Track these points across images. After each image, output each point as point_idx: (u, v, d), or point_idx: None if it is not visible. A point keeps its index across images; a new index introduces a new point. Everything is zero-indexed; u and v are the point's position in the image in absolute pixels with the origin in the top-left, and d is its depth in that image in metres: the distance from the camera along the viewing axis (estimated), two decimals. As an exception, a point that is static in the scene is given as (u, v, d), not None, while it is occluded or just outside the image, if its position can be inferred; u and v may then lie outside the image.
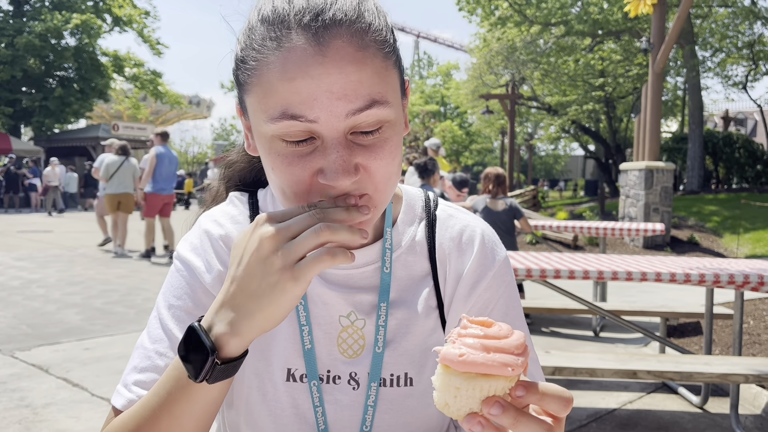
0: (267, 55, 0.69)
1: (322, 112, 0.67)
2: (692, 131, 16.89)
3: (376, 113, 0.69)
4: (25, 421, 3.27)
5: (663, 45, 10.52)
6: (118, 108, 33.56)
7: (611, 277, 3.08)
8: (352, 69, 0.67)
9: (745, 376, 3.01)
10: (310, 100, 0.67)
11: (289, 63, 0.67)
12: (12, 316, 5.55)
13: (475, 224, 0.93)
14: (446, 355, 0.54)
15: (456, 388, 0.54)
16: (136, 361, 0.82)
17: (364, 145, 0.71)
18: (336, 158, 0.68)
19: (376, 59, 0.70)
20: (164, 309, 0.84)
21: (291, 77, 0.67)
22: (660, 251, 10.61)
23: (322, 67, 0.67)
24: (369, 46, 0.69)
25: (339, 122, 0.68)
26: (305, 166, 0.70)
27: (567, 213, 15.17)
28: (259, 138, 0.74)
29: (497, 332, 0.56)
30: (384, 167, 0.72)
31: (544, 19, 19.10)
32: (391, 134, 0.72)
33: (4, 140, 23.01)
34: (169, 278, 0.87)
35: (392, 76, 0.73)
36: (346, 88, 0.67)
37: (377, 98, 0.69)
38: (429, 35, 60.76)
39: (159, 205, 9.03)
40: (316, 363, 0.85)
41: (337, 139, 0.69)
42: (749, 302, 5.78)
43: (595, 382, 4.12)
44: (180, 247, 0.89)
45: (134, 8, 29.07)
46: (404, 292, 0.88)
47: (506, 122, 25.04)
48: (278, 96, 0.68)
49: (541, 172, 51.02)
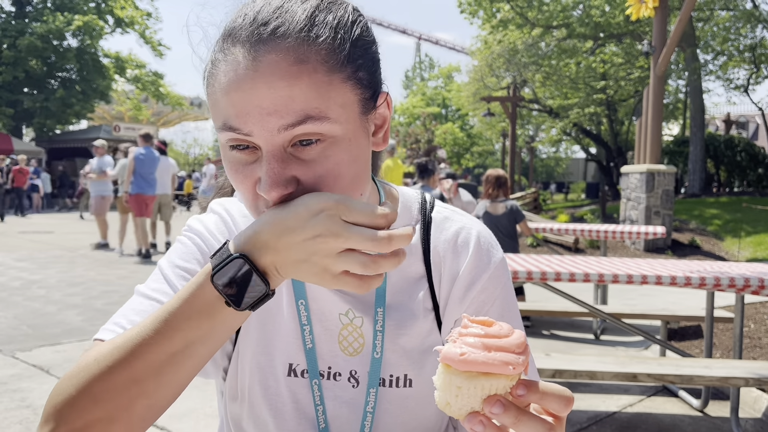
0: (217, 66, 0.71)
1: (254, 127, 0.68)
2: (693, 134, 16.90)
3: (313, 128, 0.68)
4: (26, 422, 3.27)
5: (664, 48, 10.53)
6: (120, 109, 33.59)
7: (612, 280, 3.09)
8: (282, 84, 0.67)
9: (745, 380, 3.01)
10: (243, 114, 0.68)
11: (228, 76, 0.69)
12: (13, 316, 5.56)
13: (471, 226, 0.93)
14: (447, 354, 0.55)
15: (457, 387, 0.54)
16: (133, 304, 0.81)
17: (304, 159, 0.70)
18: (268, 170, 0.68)
19: (316, 74, 0.68)
20: (168, 268, 0.84)
21: (227, 90, 0.69)
22: (661, 254, 10.61)
23: (252, 81, 0.67)
24: (308, 60, 0.68)
25: (272, 136, 0.68)
26: (248, 175, 0.71)
27: (568, 216, 15.17)
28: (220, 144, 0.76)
29: (498, 331, 0.56)
30: (330, 179, 0.70)
31: (546, 21, 19.13)
32: (333, 151, 0.70)
33: (6, 141, 23.06)
34: (176, 245, 0.88)
35: (338, 90, 0.70)
36: (276, 104, 0.67)
37: (313, 114, 0.67)
38: (430, 37, 60.87)
39: (141, 204, 9.22)
40: (317, 359, 0.86)
41: (271, 152, 0.69)
42: (750, 306, 5.78)
43: (596, 384, 4.12)
44: (192, 221, 0.91)
45: (136, 10, 29.14)
46: (400, 294, 0.88)
47: (507, 125, 25.04)
48: (220, 107, 0.70)
49: (542, 175, 51.01)
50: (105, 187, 10.30)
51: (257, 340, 0.86)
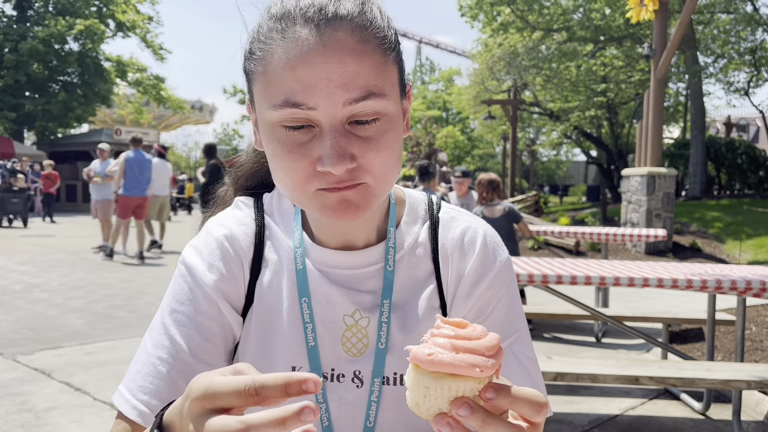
0: (272, 45, 0.73)
1: (321, 99, 0.70)
2: (694, 137, 16.91)
3: (373, 104, 0.72)
4: (27, 425, 3.28)
5: (665, 51, 10.54)
6: (121, 113, 33.65)
7: (613, 283, 3.09)
8: (350, 60, 0.71)
9: (747, 383, 3.00)
10: (310, 87, 0.70)
11: (291, 52, 0.71)
12: (14, 320, 5.56)
13: (478, 225, 0.94)
14: (416, 354, 0.54)
15: (425, 387, 0.54)
16: (139, 365, 0.83)
17: (361, 136, 0.73)
18: (332, 144, 0.71)
19: (375, 54, 0.73)
20: (167, 314, 0.85)
21: (293, 66, 0.71)
22: (662, 257, 10.60)
23: (322, 56, 0.70)
24: (369, 41, 0.73)
25: (337, 110, 0.71)
26: (304, 153, 0.73)
27: (569, 218, 15.17)
28: (263, 126, 0.77)
29: (469, 333, 0.56)
30: (380, 159, 0.74)
31: (546, 25, 19.16)
32: (388, 127, 0.75)
33: (7, 144, 23.09)
34: (173, 283, 0.88)
35: (391, 72, 0.76)
36: (344, 78, 0.70)
37: (374, 90, 0.72)
38: (431, 41, 60.92)
39: (130, 206, 9.45)
40: (320, 361, 0.86)
41: (334, 126, 0.71)
42: (752, 308, 5.77)
43: (597, 387, 4.12)
44: (185, 251, 0.90)
45: (137, 14, 29.22)
46: (407, 292, 0.89)
47: (508, 128, 25.05)
48: (281, 84, 0.72)
49: (543, 178, 51.02)
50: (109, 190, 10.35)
51: (257, 344, 0.87)
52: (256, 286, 0.87)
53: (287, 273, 0.87)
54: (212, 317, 0.84)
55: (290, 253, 0.88)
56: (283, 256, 0.88)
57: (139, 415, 0.79)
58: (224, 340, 0.85)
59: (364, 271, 0.88)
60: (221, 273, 0.86)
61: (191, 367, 0.81)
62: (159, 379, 0.81)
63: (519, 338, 0.88)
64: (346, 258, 0.87)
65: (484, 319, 0.88)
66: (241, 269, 0.87)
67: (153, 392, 0.80)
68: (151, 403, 0.79)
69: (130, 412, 0.80)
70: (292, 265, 0.87)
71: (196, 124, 42.49)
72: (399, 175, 0.81)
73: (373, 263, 0.88)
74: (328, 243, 0.88)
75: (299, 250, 0.88)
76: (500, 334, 0.85)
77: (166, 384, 0.80)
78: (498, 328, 0.87)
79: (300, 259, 0.87)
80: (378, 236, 0.90)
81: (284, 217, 0.92)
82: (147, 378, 0.81)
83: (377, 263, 0.88)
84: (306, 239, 0.89)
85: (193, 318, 0.83)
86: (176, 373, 0.80)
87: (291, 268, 0.87)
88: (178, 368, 0.81)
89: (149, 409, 0.79)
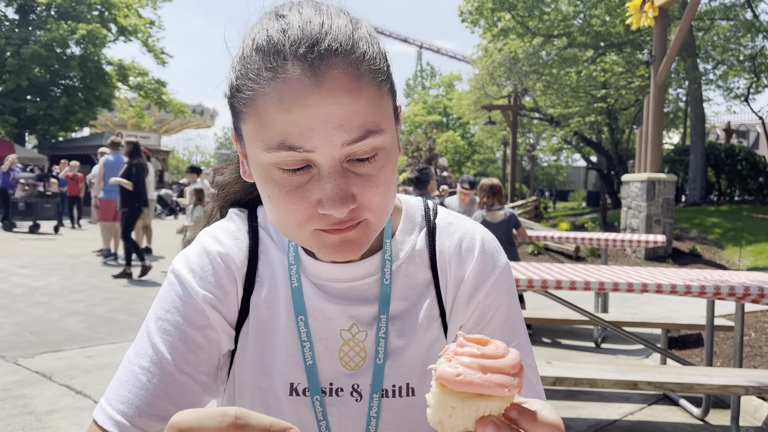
0: (263, 85, 0.69)
1: (319, 142, 0.68)
2: (694, 143, 16.93)
3: (372, 142, 0.70)
4: (28, 428, 3.29)
5: (665, 57, 10.58)
6: (122, 117, 33.72)
7: (612, 288, 3.10)
8: (347, 99, 0.68)
9: (745, 388, 3.02)
10: (307, 130, 0.68)
11: (285, 94, 0.68)
12: (15, 323, 5.58)
13: (475, 231, 0.93)
14: (443, 374, 0.54)
15: (452, 407, 0.54)
16: (119, 374, 0.82)
17: (360, 174, 0.72)
18: (333, 187, 0.69)
19: (371, 88, 0.71)
20: (152, 322, 0.83)
21: (288, 108, 0.68)
22: (662, 263, 10.61)
23: (318, 97, 0.67)
24: (364, 76, 0.70)
25: (335, 151, 0.69)
26: (303, 195, 0.71)
27: (569, 224, 15.18)
28: (256, 166, 0.74)
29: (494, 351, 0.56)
30: (380, 195, 0.73)
31: (547, 30, 19.21)
32: (385, 161, 0.74)
33: (8, 148, 23.12)
34: (161, 292, 0.86)
35: (386, 103, 0.74)
36: (342, 119, 0.68)
37: (372, 128, 0.70)
38: (432, 46, 61.08)
39: (111, 210, 9.52)
40: (318, 377, 0.85)
41: (333, 167, 0.70)
42: (751, 314, 5.78)
43: (596, 393, 4.13)
44: (176, 261, 0.88)
45: (139, 18, 29.27)
46: (406, 302, 0.88)
47: (508, 133, 25.08)
48: (275, 127, 0.69)
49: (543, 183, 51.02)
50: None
51: (255, 361, 0.85)
52: (251, 301, 0.86)
53: (282, 289, 0.86)
54: (199, 328, 0.82)
55: (285, 268, 0.87)
56: (278, 271, 0.87)
57: (115, 425, 0.77)
58: (209, 353, 0.83)
59: (362, 283, 0.87)
60: (212, 285, 0.84)
61: (172, 378, 0.79)
62: (138, 388, 0.79)
63: (519, 345, 0.87)
64: (344, 270, 0.86)
65: (483, 326, 0.88)
66: (234, 284, 0.86)
67: (131, 402, 0.78)
68: (128, 414, 0.77)
69: (106, 422, 0.77)
70: (287, 281, 0.86)
71: (197, 128, 42.55)
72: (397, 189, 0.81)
73: (371, 274, 0.87)
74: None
75: (294, 267, 0.86)
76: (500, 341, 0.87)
77: (145, 393, 0.78)
78: (497, 335, 0.87)
79: (295, 276, 0.86)
80: (374, 247, 0.89)
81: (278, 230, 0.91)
82: (125, 386, 0.79)
83: (374, 275, 0.87)
84: (302, 253, 0.87)
85: (179, 327, 0.82)
86: (157, 382, 0.79)
87: (286, 284, 0.86)
88: (159, 377, 0.79)
89: (126, 419, 0.77)
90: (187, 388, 0.80)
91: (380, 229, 0.78)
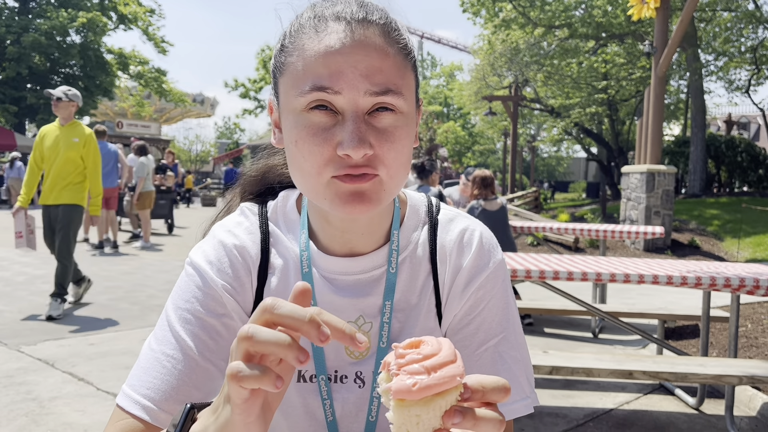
0: (304, 39, 0.79)
1: (345, 85, 0.75)
2: (694, 135, 16.92)
3: (392, 100, 0.77)
4: (31, 414, 3.33)
5: (666, 48, 10.56)
6: (123, 105, 33.68)
7: (609, 279, 3.13)
8: (376, 55, 0.77)
9: (739, 378, 3.06)
10: (337, 73, 0.75)
11: (322, 43, 0.77)
12: (17, 310, 5.62)
13: (475, 226, 0.97)
14: (400, 389, 0.54)
15: (416, 416, 0.55)
16: (142, 361, 0.85)
17: (378, 127, 0.77)
18: (353, 129, 0.75)
19: (398, 57, 0.79)
20: (172, 312, 0.87)
21: (324, 54, 0.76)
22: (661, 254, 10.65)
23: (350, 47, 0.76)
24: (393, 44, 0.79)
25: (359, 97, 0.76)
26: (326, 138, 0.77)
27: (569, 215, 15.21)
28: (288, 117, 0.80)
29: (431, 349, 0.57)
30: (394, 151, 0.78)
31: (548, 21, 19.14)
32: (402, 123, 0.79)
33: (9, 136, 23.12)
34: (179, 283, 0.90)
35: (409, 78, 0.81)
36: (369, 69, 0.76)
37: (393, 88, 0.77)
38: (433, 36, 60.76)
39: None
40: (324, 364, 0.90)
41: (355, 112, 0.76)
42: (748, 306, 5.82)
43: (593, 382, 4.17)
44: (193, 253, 0.92)
45: (139, 6, 29.19)
46: (408, 293, 0.92)
47: (509, 124, 25.07)
48: (310, 71, 0.77)
49: (544, 174, 50.98)
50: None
51: None
52: (264, 290, 0.90)
53: (293, 279, 0.90)
54: (218, 316, 0.86)
55: (296, 258, 0.91)
56: (289, 261, 0.91)
57: (142, 409, 0.80)
58: (228, 341, 0.86)
59: (369, 275, 0.91)
60: (229, 276, 0.88)
61: (196, 363, 0.82)
62: (164, 374, 0.82)
63: (505, 338, 0.91)
64: (353, 264, 0.90)
65: (473, 317, 0.91)
66: (249, 276, 0.90)
67: (157, 387, 0.81)
68: (155, 398, 0.80)
69: (132, 407, 0.80)
70: (298, 269, 0.90)
71: (198, 118, 42.49)
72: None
73: (378, 266, 0.91)
74: (334, 251, 0.91)
75: (305, 253, 0.90)
76: (487, 334, 0.90)
77: (171, 378, 0.81)
78: (485, 327, 0.91)
79: (306, 262, 0.90)
80: (383, 239, 0.93)
81: (288, 224, 0.95)
82: (149, 373, 0.82)
83: (382, 266, 0.91)
84: (312, 247, 0.91)
85: (198, 316, 0.85)
86: (181, 368, 0.82)
87: (297, 271, 0.90)
88: (183, 363, 0.82)
89: (153, 403, 0.80)
90: (209, 374, 0.84)
91: (391, 193, 0.81)
